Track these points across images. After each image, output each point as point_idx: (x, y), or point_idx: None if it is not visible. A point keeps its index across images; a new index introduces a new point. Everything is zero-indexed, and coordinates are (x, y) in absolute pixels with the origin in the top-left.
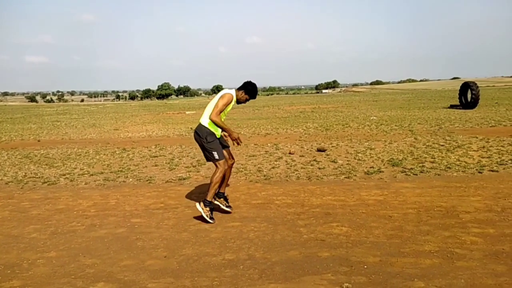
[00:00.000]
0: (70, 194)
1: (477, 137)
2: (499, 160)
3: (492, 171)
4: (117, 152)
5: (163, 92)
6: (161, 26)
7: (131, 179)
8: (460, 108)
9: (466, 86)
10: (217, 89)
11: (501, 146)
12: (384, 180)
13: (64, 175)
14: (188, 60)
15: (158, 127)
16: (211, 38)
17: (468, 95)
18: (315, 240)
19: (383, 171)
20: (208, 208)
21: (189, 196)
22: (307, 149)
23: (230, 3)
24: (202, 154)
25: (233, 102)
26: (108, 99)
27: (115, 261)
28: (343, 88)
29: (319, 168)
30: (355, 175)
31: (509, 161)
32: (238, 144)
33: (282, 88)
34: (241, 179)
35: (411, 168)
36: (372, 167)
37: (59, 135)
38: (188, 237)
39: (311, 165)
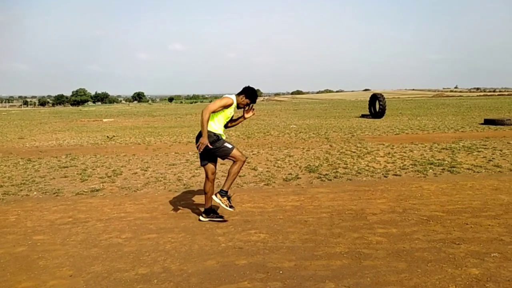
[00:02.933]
0: None
1: (383, 144)
2: (401, 165)
3: (396, 175)
4: (20, 163)
5: (79, 99)
6: (76, 28)
7: (35, 192)
8: (370, 118)
9: (375, 98)
10: (138, 96)
11: (404, 152)
12: (301, 186)
13: None
14: (107, 66)
15: (70, 135)
16: (132, 44)
17: (376, 106)
18: (233, 248)
19: (300, 178)
20: (225, 198)
21: (102, 208)
22: None
23: (153, 8)
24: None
25: (233, 107)
26: (14, 105)
27: (12, 283)
28: (266, 97)
29: (239, 176)
30: (274, 182)
31: (410, 166)
32: (197, 148)
33: (206, 96)
34: (160, 188)
35: (326, 174)
36: (291, 173)
37: None
38: (98, 252)
39: None
